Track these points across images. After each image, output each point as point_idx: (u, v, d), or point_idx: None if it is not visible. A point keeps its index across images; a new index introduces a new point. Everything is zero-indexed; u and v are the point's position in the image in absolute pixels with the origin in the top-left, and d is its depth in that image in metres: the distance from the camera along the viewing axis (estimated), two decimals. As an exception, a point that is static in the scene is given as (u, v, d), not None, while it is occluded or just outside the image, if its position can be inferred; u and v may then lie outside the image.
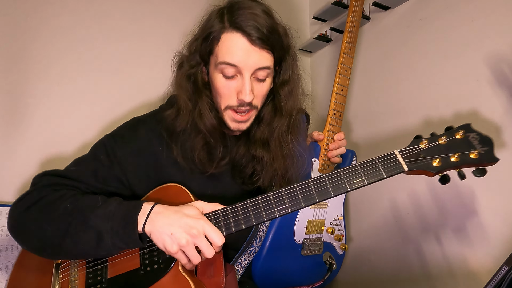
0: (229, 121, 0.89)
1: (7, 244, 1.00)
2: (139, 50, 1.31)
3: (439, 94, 1.13)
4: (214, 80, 0.86)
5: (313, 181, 0.77)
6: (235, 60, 0.82)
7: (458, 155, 0.73)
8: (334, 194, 0.76)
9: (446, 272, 1.07)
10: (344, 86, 1.15)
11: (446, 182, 0.75)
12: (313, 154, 1.10)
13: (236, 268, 0.95)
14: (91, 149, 0.90)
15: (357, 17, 1.19)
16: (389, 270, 1.24)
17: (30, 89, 1.12)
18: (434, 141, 0.77)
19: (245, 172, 0.94)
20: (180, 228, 0.72)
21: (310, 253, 1.06)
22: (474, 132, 0.75)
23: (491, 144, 0.74)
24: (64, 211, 0.76)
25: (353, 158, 1.18)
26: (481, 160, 0.73)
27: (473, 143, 0.74)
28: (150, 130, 0.90)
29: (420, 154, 0.76)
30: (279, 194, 0.77)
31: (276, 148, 0.92)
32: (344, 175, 0.77)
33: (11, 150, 1.08)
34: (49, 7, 1.16)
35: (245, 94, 0.83)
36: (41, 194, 0.80)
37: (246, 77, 0.83)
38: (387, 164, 0.76)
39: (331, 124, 1.11)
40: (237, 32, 0.82)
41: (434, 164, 0.74)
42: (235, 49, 0.82)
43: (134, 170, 0.87)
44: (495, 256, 0.96)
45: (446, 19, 1.13)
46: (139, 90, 1.28)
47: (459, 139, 0.75)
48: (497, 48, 0.99)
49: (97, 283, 0.81)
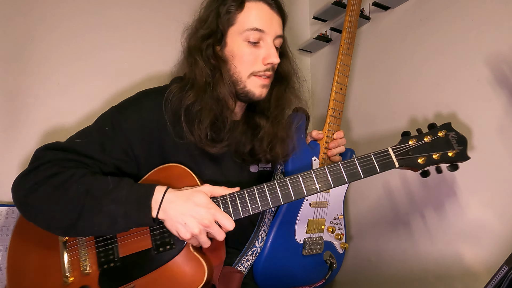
0: (253, 88, 0.91)
1: (7, 244, 1.00)
2: (139, 50, 1.31)
3: (438, 94, 1.13)
4: (237, 48, 0.88)
5: (315, 171, 0.84)
6: (262, 25, 0.87)
7: (440, 154, 0.85)
8: (334, 185, 0.83)
9: (446, 272, 1.07)
10: (343, 84, 1.15)
11: (426, 176, 0.86)
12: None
13: (239, 269, 0.95)
14: (96, 121, 0.90)
15: (355, 16, 1.19)
16: (389, 270, 1.24)
17: (30, 89, 1.12)
18: (421, 139, 0.86)
19: (244, 151, 0.96)
20: (192, 218, 0.75)
21: (311, 253, 1.06)
22: (453, 131, 0.86)
23: (465, 144, 0.85)
24: (75, 193, 0.76)
25: (352, 156, 1.18)
26: (456, 158, 0.85)
27: (451, 142, 0.85)
28: (155, 104, 0.90)
29: (409, 152, 0.85)
30: (283, 182, 0.82)
31: (274, 110, 0.97)
32: (343, 168, 0.84)
33: (11, 150, 1.08)
34: (49, 7, 1.16)
35: (274, 57, 0.89)
36: (49, 171, 0.79)
37: (271, 42, 0.89)
38: (381, 160, 0.84)
39: (331, 122, 1.12)
40: (259, 0, 0.88)
41: (419, 161, 0.85)
42: (262, 15, 0.88)
43: (139, 143, 0.88)
44: (495, 256, 0.96)
45: (446, 19, 1.13)
46: (140, 88, 1.28)
47: (441, 138, 0.86)
48: (497, 48, 0.99)
49: (110, 261, 0.83)
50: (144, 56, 1.31)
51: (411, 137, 0.87)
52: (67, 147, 0.84)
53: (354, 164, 0.84)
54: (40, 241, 0.87)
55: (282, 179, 0.83)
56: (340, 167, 0.83)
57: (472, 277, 1.01)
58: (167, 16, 1.37)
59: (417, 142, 0.86)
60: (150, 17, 1.34)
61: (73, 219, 0.76)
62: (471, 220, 1.03)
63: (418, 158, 0.84)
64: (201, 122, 0.87)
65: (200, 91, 0.88)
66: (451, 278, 1.06)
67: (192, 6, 0.99)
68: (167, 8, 1.37)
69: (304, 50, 1.68)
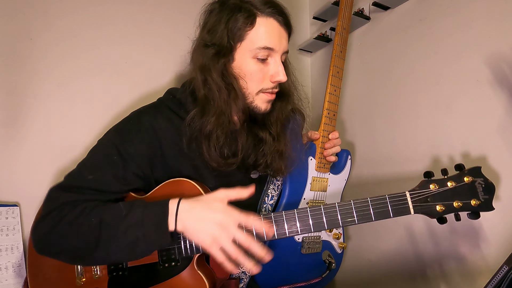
0: (260, 104, 0.91)
1: (7, 244, 1.00)
2: (140, 50, 1.30)
3: (438, 94, 1.13)
4: (246, 65, 0.87)
5: (325, 208, 0.81)
6: (272, 43, 0.86)
7: (461, 202, 0.79)
8: (343, 224, 0.81)
9: (446, 272, 1.07)
10: (336, 86, 1.18)
11: (443, 223, 0.81)
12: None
13: (242, 270, 0.96)
14: (99, 149, 0.88)
15: (346, 21, 1.22)
16: (389, 271, 1.24)
17: (30, 89, 1.11)
18: (444, 185, 0.80)
19: (249, 161, 0.96)
20: (211, 223, 0.74)
21: (309, 251, 1.07)
22: (481, 177, 0.80)
23: (492, 193, 0.80)
24: (89, 227, 0.76)
25: (348, 157, 1.19)
26: (479, 208, 0.79)
27: (477, 190, 0.80)
28: (154, 120, 0.89)
29: (428, 199, 0.80)
30: (283, 215, 0.81)
31: (276, 126, 0.96)
32: (355, 208, 0.81)
33: (11, 150, 1.08)
34: (49, 7, 1.16)
35: (282, 75, 0.88)
36: (62, 213, 0.79)
37: (279, 60, 0.89)
38: (396, 205, 0.80)
39: (326, 123, 1.14)
40: (270, 17, 0.86)
41: (437, 208, 0.79)
42: (272, 33, 0.87)
43: (147, 163, 0.87)
44: (495, 256, 0.96)
45: (446, 19, 1.13)
46: (139, 89, 1.28)
47: (466, 184, 0.80)
48: (497, 48, 0.99)
49: (119, 270, 0.86)
50: (144, 56, 1.31)
51: (433, 181, 0.81)
52: (81, 187, 0.82)
53: (367, 206, 0.80)
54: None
55: (286, 213, 0.82)
56: (352, 206, 0.81)
57: (472, 277, 1.01)
58: (167, 16, 1.37)
59: (439, 188, 0.80)
60: (150, 17, 1.34)
61: (91, 251, 0.76)
62: (471, 220, 1.03)
63: (436, 206, 0.79)
64: (218, 144, 0.87)
65: (221, 115, 0.87)
66: (451, 278, 1.06)
67: (192, 7, 0.99)
68: (168, 8, 1.37)
69: (304, 50, 1.68)
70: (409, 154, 1.21)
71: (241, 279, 0.97)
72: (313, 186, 1.09)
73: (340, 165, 1.18)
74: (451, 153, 1.08)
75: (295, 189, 1.06)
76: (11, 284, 0.98)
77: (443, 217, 0.81)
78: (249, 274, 0.98)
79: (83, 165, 0.86)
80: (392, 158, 1.27)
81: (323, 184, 1.12)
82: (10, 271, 0.99)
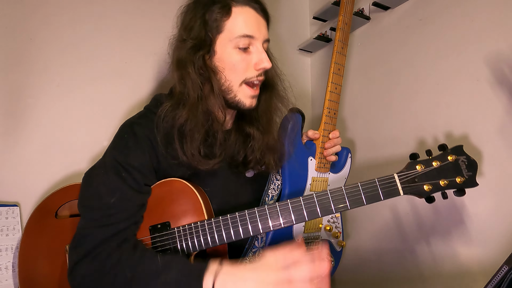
0: (244, 99, 0.90)
1: (7, 244, 1.00)
2: (140, 50, 1.30)
3: (438, 93, 1.13)
4: (228, 56, 0.86)
5: (317, 195, 0.83)
6: (251, 31, 0.86)
7: (447, 180, 0.82)
8: (336, 211, 0.82)
9: (446, 272, 1.07)
10: (337, 84, 1.15)
11: (431, 202, 0.84)
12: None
13: None
14: (105, 171, 0.84)
15: (348, 15, 1.19)
16: (389, 270, 1.24)
17: (29, 89, 1.11)
18: (429, 165, 0.83)
19: (238, 159, 0.96)
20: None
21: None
22: (464, 155, 0.84)
23: (475, 169, 0.83)
24: (124, 280, 0.75)
25: (348, 155, 1.18)
26: (464, 185, 0.83)
27: (461, 167, 0.83)
28: (147, 129, 0.89)
29: (415, 179, 0.83)
30: (284, 206, 0.83)
31: (263, 119, 0.95)
32: (346, 193, 0.82)
33: (11, 150, 1.07)
34: (49, 7, 1.16)
35: (266, 61, 0.87)
36: (94, 262, 0.77)
37: (261, 47, 0.87)
38: (386, 188, 0.82)
39: (326, 122, 1.12)
40: (246, 5, 0.86)
41: (425, 188, 0.82)
42: (250, 20, 0.86)
43: (150, 169, 0.88)
44: (495, 256, 0.96)
45: (446, 19, 1.13)
46: (139, 89, 1.28)
47: (450, 163, 0.83)
48: (497, 48, 0.99)
49: None
50: (144, 57, 1.31)
51: (419, 162, 0.84)
52: (109, 214, 0.80)
53: (358, 191, 0.82)
54: (48, 247, 0.90)
55: (280, 204, 0.83)
56: (344, 193, 0.82)
57: (472, 277, 1.01)
58: (167, 17, 1.37)
59: (424, 168, 0.83)
60: (151, 18, 1.33)
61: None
62: (471, 220, 1.03)
63: (424, 185, 0.82)
64: (193, 139, 0.85)
65: (193, 108, 0.85)
66: (450, 278, 1.06)
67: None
68: (168, 9, 1.37)
69: (304, 50, 1.68)
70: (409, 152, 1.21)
71: None
72: (313, 187, 1.08)
73: (340, 164, 1.16)
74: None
75: (295, 190, 1.05)
76: (11, 284, 0.97)
77: (431, 196, 0.84)
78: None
79: (97, 193, 0.83)
80: (393, 157, 1.27)
81: (323, 184, 1.11)
82: (10, 271, 0.98)
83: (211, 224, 0.84)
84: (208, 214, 0.86)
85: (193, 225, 0.85)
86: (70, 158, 1.14)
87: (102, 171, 0.85)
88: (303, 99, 1.68)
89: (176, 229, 0.86)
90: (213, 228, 0.84)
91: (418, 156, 0.85)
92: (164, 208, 0.87)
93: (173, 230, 0.86)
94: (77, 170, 1.15)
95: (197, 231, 0.84)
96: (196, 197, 0.86)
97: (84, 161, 1.16)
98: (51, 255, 0.90)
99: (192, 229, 0.85)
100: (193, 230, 0.84)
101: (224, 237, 0.83)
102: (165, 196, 0.87)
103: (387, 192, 0.82)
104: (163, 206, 0.88)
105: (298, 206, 0.83)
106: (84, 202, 0.84)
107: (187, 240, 0.84)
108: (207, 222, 0.84)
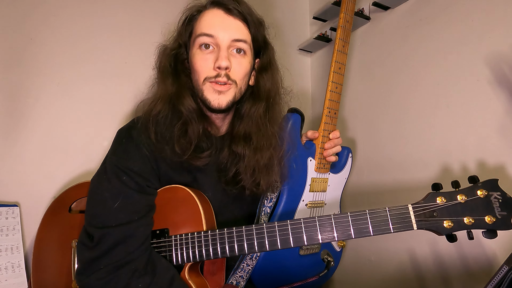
0: (208, 95, 0.87)
1: (7, 244, 1.00)
2: (140, 50, 1.30)
3: (438, 93, 1.13)
4: (193, 57, 0.89)
5: (320, 219, 0.77)
6: (211, 30, 0.87)
7: (473, 219, 0.70)
8: (339, 239, 0.76)
9: (446, 272, 1.07)
10: (338, 83, 1.13)
11: (453, 241, 0.72)
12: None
13: (239, 274, 0.96)
14: (106, 177, 0.84)
15: (350, 13, 1.18)
16: (389, 270, 1.24)
17: (30, 89, 1.11)
18: (453, 199, 0.72)
19: (228, 173, 0.93)
20: None
21: (308, 252, 1.06)
22: (498, 191, 0.71)
23: (511, 209, 0.70)
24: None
25: (349, 155, 1.17)
26: (494, 226, 0.70)
27: (492, 206, 0.70)
28: (142, 133, 0.89)
29: (434, 213, 0.72)
30: (271, 227, 0.80)
31: (256, 137, 0.92)
32: (352, 220, 0.75)
33: (11, 150, 1.08)
34: (49, 7, 1.16)
35: (221, 60, 0.85)
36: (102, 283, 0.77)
37: (223, 46, 0.87)
38: (397, 219, 0.73)
39: (326, 122, 1.10)
40: (214, 7, 0.89)
41: (445, 225, 0.71)
42: (213, 20, 0.88)
43: (150, 171, 0.88)
44: (495, 256, 0.96)
45: (446, 19, 1.13)
46: (139, 89, 1.28)
47: (479, 199, 0.71)
48: (497, 48, 0.99)
49: None
50: (144, 57, 1.31)
51: (440, 194, 0.73)
52: (116, 218, 0.81)
53: (365, 219, 0.74)
54: (58, 238, 0.94)
55: (279, 224, 0.79)
56: (349, 219, 0.75)
57: (472, 277, 1.01)
58: (168, 17, 1.37)
59: (446, 202, 0.72)
60: (151, 18, 1.33)
61: None
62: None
63: (444, 221, 0.71)
64: (186, 135, 0.87)
65: (169, 102, 0.89)
66: (451, 278, 1.06)
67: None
68: (168, 9, 1.37)
69: (304, 50, 1.68)
70: (410, 155, 1.21)
71: (237, 282, 0.96)
72: (312, 187, 1.07)
73: (340, 164, 1.15)
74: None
75: (294, 191, 1.05)
76: (11, 284, 0.97)
77: (452, 235, 0.72)
78: (246, 278, 0.97)
79: (101, 200, 0.83)
80: (393, 158, 1.27)
81: (322, 184, 1.10)
82: (10, 271, 0.98)
83: (207, 237, 0.82)
84: (208, 224, 0.85)
85: (190, 236, 0.84)
86: (70, 158, 1.15)
87: (104, 177, 0.85)
88: (303, 99, 1.68)
89: (174, 237, 0.85)
90: (209, 242, 0.82)
91: (441, 187, 0.74)
92: (165, 215, 0.87)
93: (170, 238, 0.85)
94: (77, 170, 1.15)
95: (193, 242, 0.83)
96: (197, 207, 0.85)
97: (84, 161, 1.16)
98: (60, 247, 0.93)
99: (188, 240, 0.84)
100: (189, 241, 0.84)
101: (218, 251, 0.81)
102: (168, 203, 0.87)
103: (397, 225, 0.73)
104: (164, 212, 0.87)
105: (298, 228, 0.78)
106: (90, 211, 0.84)
107: (182, 250, 0.83)
108: (203, 235, 0.83)
